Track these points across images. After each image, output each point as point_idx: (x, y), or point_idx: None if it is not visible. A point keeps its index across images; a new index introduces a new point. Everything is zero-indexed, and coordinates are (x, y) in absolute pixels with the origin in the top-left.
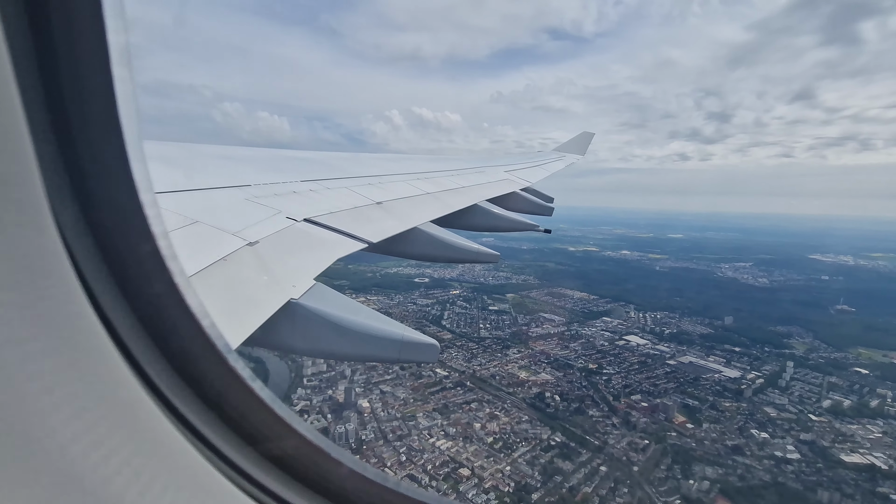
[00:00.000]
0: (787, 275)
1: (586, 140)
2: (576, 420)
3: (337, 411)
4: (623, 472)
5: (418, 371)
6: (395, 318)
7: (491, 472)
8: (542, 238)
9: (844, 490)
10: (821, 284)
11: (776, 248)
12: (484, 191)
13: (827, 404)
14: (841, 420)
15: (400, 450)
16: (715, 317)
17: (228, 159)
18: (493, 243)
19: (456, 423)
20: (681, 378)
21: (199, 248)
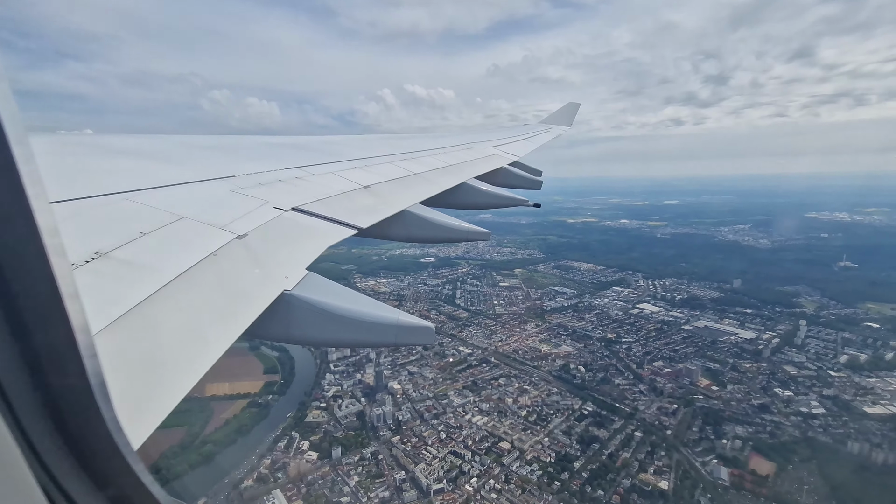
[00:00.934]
0: (786, 234)
1: (572, 111)
2: (603, 389)
3: (369, 394)
4: (658, 437)
5: (442, 350)
6: (409, 300)
7: (530, 444)
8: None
9: (872, 440)
10: (821, 242)
11: (772, 209)
12: (472, 168)
13: (844, 360)
14: (859, 374)
15: (438, 428)
16: (723, 280)
17: (210, 149)
18: (491, 219)
19: (488, 398)
20: (698, 342)
21: (186, 244)
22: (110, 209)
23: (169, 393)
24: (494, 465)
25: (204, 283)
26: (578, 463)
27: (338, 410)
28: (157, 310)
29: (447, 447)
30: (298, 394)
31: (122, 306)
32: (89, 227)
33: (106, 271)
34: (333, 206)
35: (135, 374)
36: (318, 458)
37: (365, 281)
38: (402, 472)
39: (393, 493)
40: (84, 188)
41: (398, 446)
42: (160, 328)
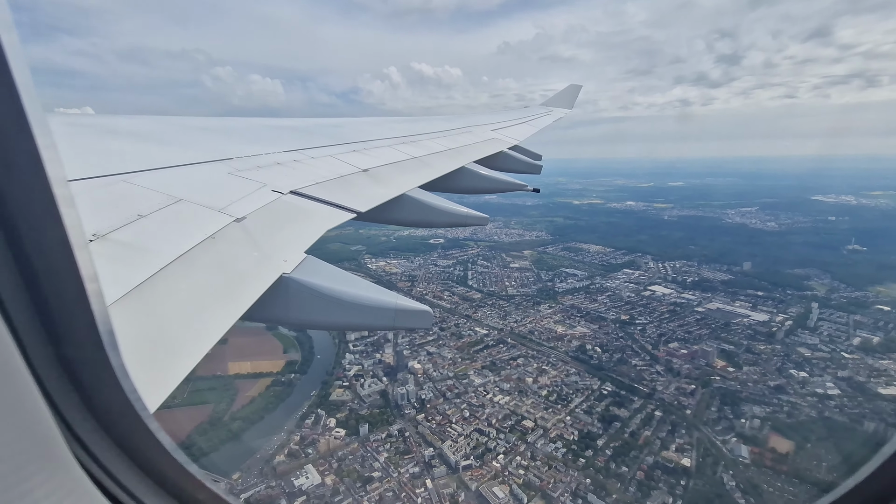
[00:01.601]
0: (793, 217)
1: (574, 93)
2: (621, 370)
3: (390, 374)
4: (677, 416)
5: (458, 331)
6: (421, 281)
7: (553, 422)
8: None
9: (888, 420)
10: (828, 225)
11: (778, 191)
12: (471, 152)
13: (857, 342)
14: (872, 356)
15: (461, 406)
16: (732, 263)
17: (208, 131)
18: (496, 201)
19: (507, 378)
20: (712, 324)
21: (185, 227)
22: (108, 191)
23: (169, 374)
24: (519, 443)
25: (203, 266)
26: (601, 441)
27: (361, 389)
28: (156, 292)
29: (471, 425)
30: (319, 373)
31: (120, 288)
32: (86, 209)
33: (104, 253)
34: (332, 190)
35: (134, 355)
36: (345, 434)
37: (375, 262)
38: (430, 449)
39: (422, 468)
40: (81, 169)
41: (423, 424)
42: (159, 310)
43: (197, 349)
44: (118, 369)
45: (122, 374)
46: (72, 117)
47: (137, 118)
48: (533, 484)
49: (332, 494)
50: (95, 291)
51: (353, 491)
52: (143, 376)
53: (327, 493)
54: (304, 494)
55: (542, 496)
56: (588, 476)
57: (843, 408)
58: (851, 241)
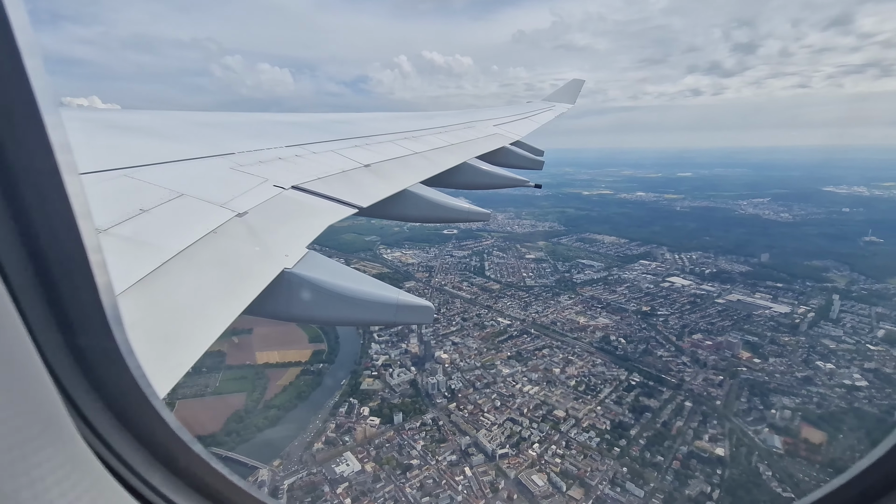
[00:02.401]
0: (806, 208)
1: (576, 88)
2: (647, 360)
3: (418, 364)
4: (708, 406)
5: (481, 322)
6: (438, 272)
7: (584, 412)
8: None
9: None
10: (843, 217)
11: (789, 182)
12: (473, 147)
13: (881, 334)
14: None
15: (491, 396)
16: (749, 254)
17: (210, 126)
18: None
19: (534, 368)
20: (734, 316)
21: (187, 221)
22: (110, 185)
23: (171, 368)
24: (553, 432)
25: (204, 261)
26: (634, 430)
27: (390, 378)
28: (158, 286)
29: (504, 414)
30: (346, 362)
31: (122, 283)
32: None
33: (106, 248)
34: (334, 185)
35: (137, 348)
36: (380, 423)
37: (391, 252)
38: (465, 438)
39: (460, 456)
40: (83, 163)
41: (456, 413)
42: (161, 305)
43: (199, 343)
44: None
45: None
46: (75, 111)
47: (139, 112)
48: (570, 472)
49: (372, 481)
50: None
51: (394, 478)
52: (146, 369)
53: (368, 480)
54: (346, 481)
55: (581, 484)
56: (624, 465)
57: (872, 399)
58: (868, 232)
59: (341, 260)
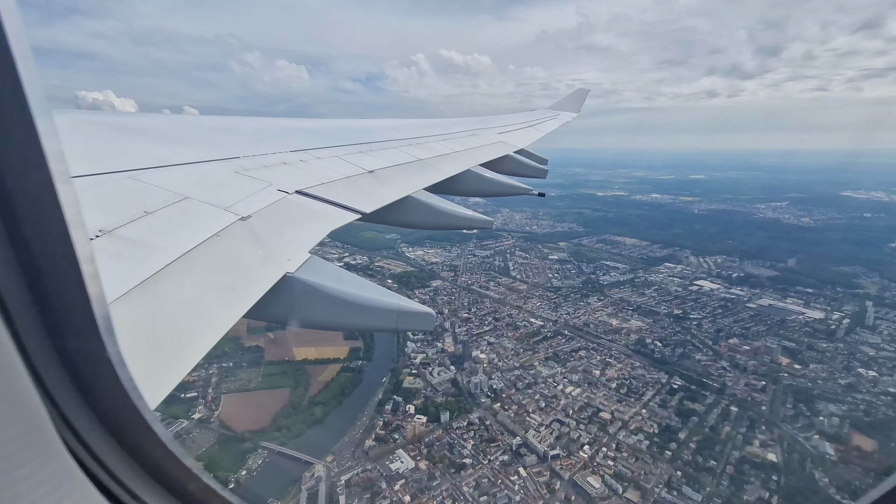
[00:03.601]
0: (826, 213)
1: (581, 97)
2: (685, 364)
3: (456, 362)
4: (754, 412)
5: (514, 322)
6: (463, 271)
7: (630, 415)
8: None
9: None
10: (865, 222)
11: (805, 187)
12: (477, 155)
13: None
14: None
15: (534, 397)
16: (775, 259)
17: (216, 130)
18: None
19: (573, 370)
20: (767, 321)
21: (190, 224)
22: (115, 187)
23: (172, 370)
24: (601, 434)
25: (207, 264)
26: (682, 434)
27: (431, 377)
28: (161, 289)
29: (549, 415)
30: (384, 360)
31: (125, 284)
32: (93, 204)
33: (110, 249)
34: (337, 190)
35: (138, 350)
36: (426, 421)
37: (413, 251)
38: (513, 438)
39: (511, 456)
40: (88, 165)
41: (501, 413)
42: (163, 307)
43: (200, 346)
44: (116, 361)
45: (120, 366)
46: (80, 114)
47: (145, 115)
48: (624, 475)
49: (428, 479)
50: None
51: (449, 476)
52: (146, 371)
53: (423, 478)
54: (402, 478)
55: (636, 487)
56: (677, 469)
57: None
58: (894, 238)
59: (365, 257)
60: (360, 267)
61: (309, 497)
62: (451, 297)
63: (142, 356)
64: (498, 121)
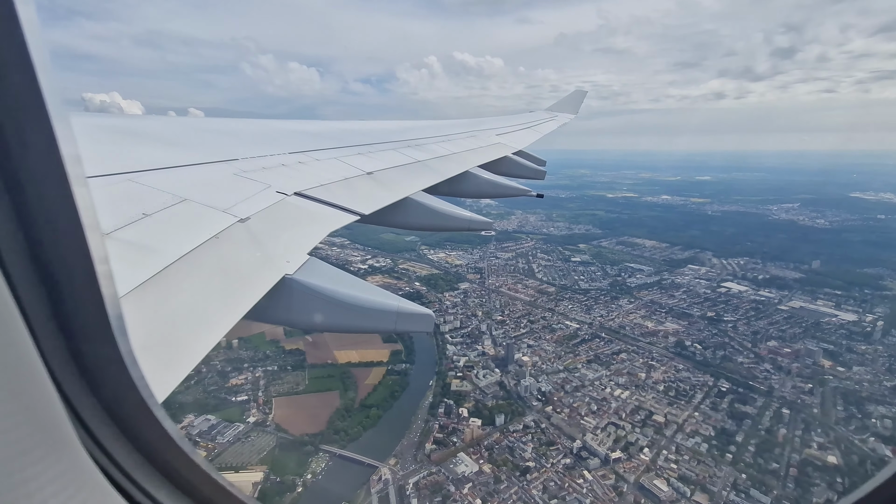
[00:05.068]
0: (840, 215)
1: (579, 99)
2: (728, 366)
3: (500, 365)
4: (806, 414)
5: (549, 325)
6: (489, 273)
7: (683, 417)
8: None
9: None
10: (880, 224)
11: (813, 188)
12: (475, 157)
13: None
14: None
15: (584, 400)
16: (798, 261)
17: (215, 132)
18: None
19: (618, 373)
20: (802, 323)
21: (189, 226)
22: (113, 189)
23: (170, 372)
24: (658, 437)
25: (206, 266)
26: (739, 437)
27: (478, 380)
28: (160, 291)
29: (603, 418)
30: (426, 363)
31: (124, 287)
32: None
33: (109, 252)
34: (336, 192)
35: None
36: (482, 424)
37: (435, 253)
38: (571, 441)
39: (573, 460)
40: (88, 168)
41: (555, 416)
42: (162, 309)
43: (198, 348)
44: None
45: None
46: (79, 116)
47: (145, 118)
48: (689, 478)
49: (494, 482)
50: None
51: (515, 479)
52: (146, 372)
53: (490, 481)
54: (468, 481)
55: (702, 490)
56: (741, 471)
57: None
58: None
59: (388, 259)
60: (384, 269)
61: (380, 500)
62: (482, 300)
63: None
64: (496, 122)
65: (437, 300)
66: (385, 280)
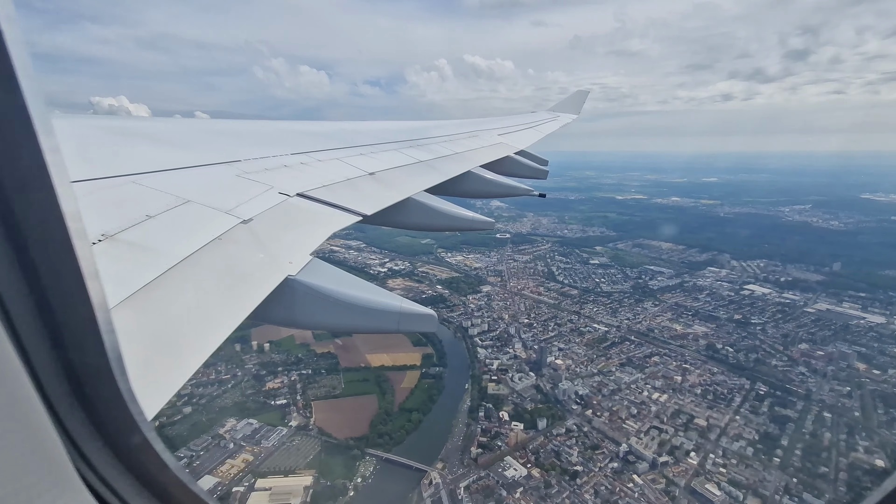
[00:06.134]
0: (853, 216)
1: (581, 99)
2: (763, 370)
3: (534, 368)
4: (848, 417)
5: (577, 327)
6: (510, 276)
7: (724, 421)
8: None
9: None
10: (894, 226)
11: (822, 189)
12: (477, 156)
13: None
14: None
15: (623, 403)
16: (818, 263)
17: (217, 134)
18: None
19: (653, 376)
20: (830, 326)
21: (192, 228)
22: (117, 191)
23: (174, 373)
24: (702, 441)
25: (209, 267)
26: (784, 441)
27: (513, 383)
28: (164, 292)
29: (644, 422)
30: (458, 366)
31: (128, 288)
32: (96, 209)
33: (112, 253)
34: (338, 193)
35: (141, 354)
36: (523, 428)
37: (452, 256)
38: (616, 445)
39: (621, 464)
40: (90, 170)
41: (595, 420)
42: (166, 310)
43: (203, 349)
44: (120, 379)
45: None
46: (82, 118)
47: (147, 120)
48: (739, 482)
49: (545, 486)
50: (99, 298)
51: (565, 484)
52: (148, 375)
53: (540, 485)
54: (519, 485)
55: (755, 494)
56: (790, 475)
57: None
58: None
59: (406, 263)
60: (403, 273)
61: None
62: (507, 303)
63: (145, 359)
64: (498, 122)
65: (460, 303)
66: (406, 283)
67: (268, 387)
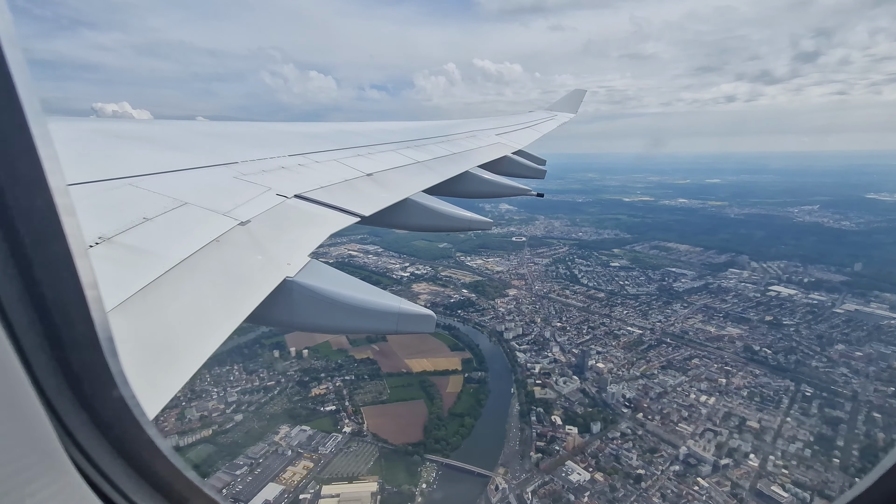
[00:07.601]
0: (863, 216)
1: (578, 98)
2: (805, 371)
3: (576, 372)
4: None
5: (611, 330)
6: (532, 279)
7: (777, 423)
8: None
9: None
10: None
11: (827, 189)
12: (475, 156)
13: None
14: None
15: (672, 406)
16: (838, 263)
17: (214, 136)
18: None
19: (697, 378)
20: (863, 326)
21: (189, 230)
22: (114, 194)
23: (173, 375)
24: (758, 442)
25: (207, 269)
26: (840, 441)
27: (559, 387)
28: (161, 295)
29: (697, 425)
30: (499, 371)
31: (125, 291)
32: (93, 211)
33: (110, 256)
34: (336, 194)
35: (138, 357)
36: (577, 432)
37: (471, 259)
38: (674, 448)
39: (682, 467)
40: (87, 173)
41: (648, 423)
42: (164, 313)
43: (201, 351)
44: (117, 376)
45: (122, 381)
46: (79, 121)
47: (143, 122)
48: (803, 483)
49: (610, 490)
50: (95, 298)
51: (631, 487)
52: (147, 377)
53: (605, 489)
54: (585, 490)
55: (821, 495)
56: (853, 476)
57: None
58: None
59: (428, 267)
60: (426, 277)
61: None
62: (536, 306)
63: (142, 362)
64: (496, 122)
65: (490, 307)
66: (431, 288)
67: (313, 393)
